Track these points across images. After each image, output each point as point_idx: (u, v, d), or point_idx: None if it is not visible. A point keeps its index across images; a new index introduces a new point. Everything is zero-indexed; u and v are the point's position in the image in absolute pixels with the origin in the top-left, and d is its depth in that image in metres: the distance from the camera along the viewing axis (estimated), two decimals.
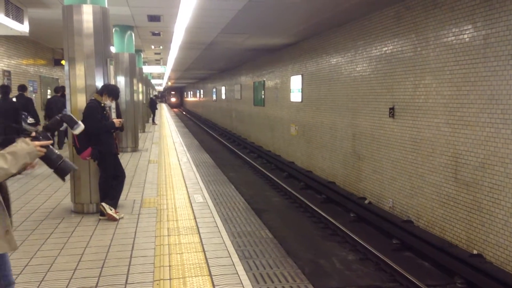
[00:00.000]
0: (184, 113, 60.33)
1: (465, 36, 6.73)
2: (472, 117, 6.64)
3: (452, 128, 7.08)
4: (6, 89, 9.02)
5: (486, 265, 6.23)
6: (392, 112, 8.76)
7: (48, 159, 2.42)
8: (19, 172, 2.32)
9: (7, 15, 7.77)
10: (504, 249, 6.08)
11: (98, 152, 5.65)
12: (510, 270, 5.95)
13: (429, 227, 7.78)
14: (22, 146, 2.31)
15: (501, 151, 6.09)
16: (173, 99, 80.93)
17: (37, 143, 2.37)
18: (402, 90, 8.45)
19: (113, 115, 6.18)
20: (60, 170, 2.47)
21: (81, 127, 2.87)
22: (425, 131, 7.77)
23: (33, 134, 2.42)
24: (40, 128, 10.43)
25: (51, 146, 2.44)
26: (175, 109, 65.62)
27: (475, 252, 6.58)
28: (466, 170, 6.80)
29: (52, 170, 2.49)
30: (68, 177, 6.20)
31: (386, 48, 9.03)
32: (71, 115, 2.80)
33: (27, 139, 2.36)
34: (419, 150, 7.97)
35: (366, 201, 9.89)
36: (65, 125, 3.96)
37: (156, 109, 26.92)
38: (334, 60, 11.71)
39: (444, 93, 7.24)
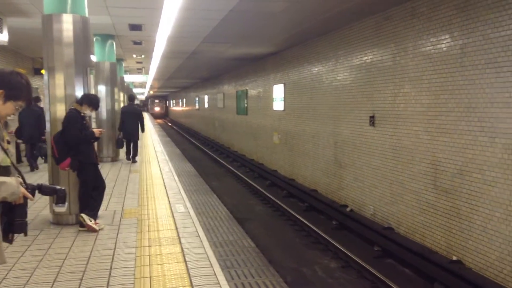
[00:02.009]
0: (169, 124, 53.94)
1: (443, 45, 6.86)
2: (450, 125, 6.75)
3: (431, 136, 7.18)
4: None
5: (466, 271, 6.31)
6: (372, 120, 8.86)
7: (15, 209, 2.44)
8: None
9: None
10: (483, 255, 6.17)
11: (78, 162, 5.59)
12: (489, 276, 6.03)
13: (409, 234, 7.86)
14: (13, 183, 2.33)
15: (479, 158, 6.20)
16: (157, 109, 70.52)
17: (23, 190, 2.40)
18: (382, 99, 8.56)
19: (93, 124, 6.13)
20: (14, 225, 2.48)
21: (63, 208, 2.89)
22: (405, 139, 7.88)
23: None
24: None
25: (28, 202, 2.48)
26: (158, 120, 58.95)
27: (454, 258, 6.66)
28: (445, 177, 6.90)
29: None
30: None
31: (366, 58, 9.15)
32: (66, 193, 2.79)
33: (20, 181, 2.39)
34: (399, 158, 8.07)
35: (348, 209, 9.95)
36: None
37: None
38: (316, 69, 11.81)
39: (423, 102, 7.35)
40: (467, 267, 6.41)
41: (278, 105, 15.01)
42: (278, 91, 15.03)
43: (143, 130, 12.56)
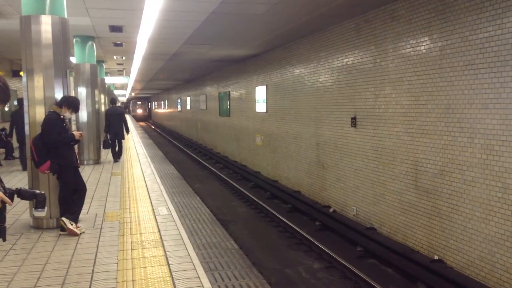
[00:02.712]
0: (153, 127, 51.61)
1: (422, 47, 6.95)
2: (430, 126, 6.84)
3: (412, 137, 7.27)
4: (23, 101, 10.63)
5: (447, 270, 6.40)
6: (354, 121, 8.94)
7: None
8: None
9: None
10: (463, 254, 6.27)
11: (58, 166, 5.51)
12: (469, 274, 6.13)
13: (391, 234, 7.94)
14: None
15: (458, 159, 6.30)
16: (139, 111, 68.37)
17: (1, 195, 2.35)
18: (363, 100, 8.63)
19: (73, 127, 6.05)
20: None
21: (43, 213, 2.82)
22: (386, 140, 7.96)
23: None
24: None
25: (6, 207, 2.42)
26: (141, 123, 57.46)
27: (436, 257, 6.75)
28: (426, 178, 6.99)
29: None
30: None
31: (347, 60, 9.23)
32: (46, 198, 2.73)
33: None
34: (381, 159, 8.15)
35: (331, 210, 10.01)
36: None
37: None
38: (298, 71, 11.87)
39: (403, 103, 7.44)
40: (448, 266, 6.50)
41: (261, 106, 15.04)
42: (260, 92, 15.05)
43: (127, 131, 13.38)
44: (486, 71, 5.77)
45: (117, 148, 12.61)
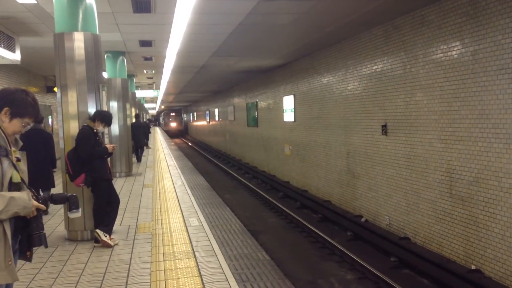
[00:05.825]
0: (190, 144, 41.48)
1: (454, 52, 6.82)
2: (464, 132, 6.68)
3: (445, 144, 7.12)
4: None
5: (485, 280, 6.19)
6: (384, 129, 8.81)
7: (31, 222, 2.43)
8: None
9: None
10: (502, 263, 6.06)
11: (92, 178, 5.62)
12: (509, 285, 5.91)
13: (426, 244, 7.75)
14: (23, 197, 2.34)
15: (494, 165, 6.12)
16: (173, 124, 56.18)
17: (35, 203, 2.40)
18: (394, 107, 8.51)
19: (106, 140, 6.16)
20: (33, 238, 2.46)
21: (78, 213, 2.84)
22: (418, 147, 7.81)
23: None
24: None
25: (41, 213, 2.47)
26: (176, 140, 46.16)
27: (473, 267, 6.55)
28: (461, 185, 6.81)
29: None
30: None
31: (376, 67, 9.13)
32: (78, 198, 2.78)
33: (31, 194, 2.40)
34: (413, 167, 7.99)
35: (363, 219, 9.86)
36: None
37: (150, 132, 27.00)
38: (326, 79, 11.81)
39: (435, 109, 7.30)
40: (486, 276, 6.30)
41: (289, 116, 15.02)
42: (288, 102, 15.04)
43: (148, 139, 19.53)
44: None
45: (139, 152, 16.21)
